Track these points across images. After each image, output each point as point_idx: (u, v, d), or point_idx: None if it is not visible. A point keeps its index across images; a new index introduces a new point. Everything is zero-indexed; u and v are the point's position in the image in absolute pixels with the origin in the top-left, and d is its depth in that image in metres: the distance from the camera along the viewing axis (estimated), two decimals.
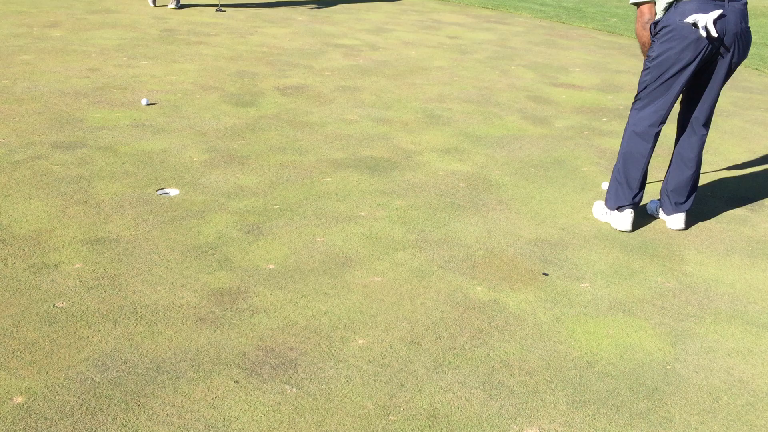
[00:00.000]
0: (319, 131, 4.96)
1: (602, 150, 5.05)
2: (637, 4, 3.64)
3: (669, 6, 3.51)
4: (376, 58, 7.07)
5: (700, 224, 4.03)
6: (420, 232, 3.65)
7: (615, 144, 5.17)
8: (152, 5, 8.54)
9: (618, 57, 8.14)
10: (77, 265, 3.07)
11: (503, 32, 9.05)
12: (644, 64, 3.69)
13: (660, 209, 4.03)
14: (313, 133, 4.90)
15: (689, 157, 3.83)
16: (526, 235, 3.72)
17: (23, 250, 3.15)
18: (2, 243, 3.19)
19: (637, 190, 3.81)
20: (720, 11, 3.39)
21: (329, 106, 5.52)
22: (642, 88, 3.70)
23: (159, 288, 2.96)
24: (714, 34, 3.38)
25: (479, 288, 3.18)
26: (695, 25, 3.40)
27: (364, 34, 8.15)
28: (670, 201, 3.91)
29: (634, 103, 3.78)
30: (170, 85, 5.62)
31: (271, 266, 3.21)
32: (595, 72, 7.34)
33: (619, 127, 5.56)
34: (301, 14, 8.99)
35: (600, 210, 3.97)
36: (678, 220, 3.91)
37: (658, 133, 3.73)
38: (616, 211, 3.86)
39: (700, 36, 3.42)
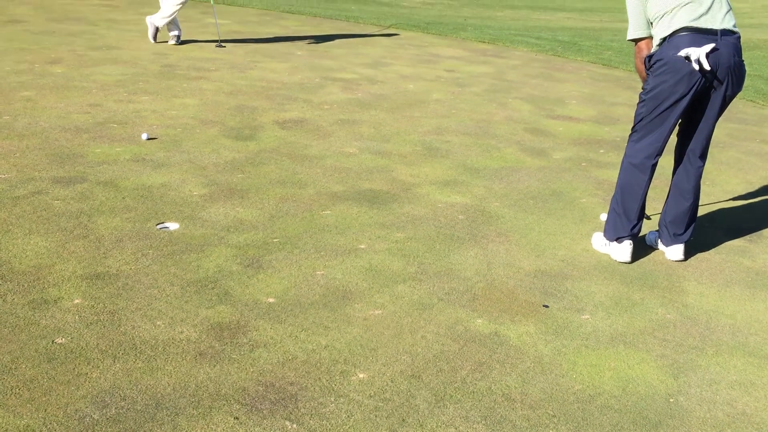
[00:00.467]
0: (318, 164, 4.98)
1: (600, 181, 5.07)
2: (635, 41, 3.70)
3: (663, 40, 3.56)
4: (375, 92, 7.13)
5: (700, 255, 4.04)
6: (420, 265, 3.65)
7: (613, 175, 5.20)
8: (153, 41, 8.64)
9: (614, 89, 8.22)
10: (77, 301, 3.06)
11: (500, 65, 9.15)
12: (639, 97, 3.74)
13: (659, 240, 4.04)
14: (313, 167, 4.93)
15: (687, 189, 3.85)
16: (526, 267, 3.72)
17: (23, 285, 3.15)
18: (2, 279, 3.19)
19: (636, 222, 3.82)
20: (713, 45, 3.44)
21: (328, 139, 5.56)
22: (638, 121, 3.73)
23: (158, 323, 2.95)
24: (707, 67, 3.43)
25: (480, 320, 3.17)
26: (688, 58, 3.45)
27: (362, 68, 8.24)
28: (668, 232, 3.92)
29: (630, 135, 3.82)
30: (170, 120, 5.66)
31: (271, 300, 3.20)
32: (591, 104, 7.41)
33: (616, 158, 5.59)
34: (300, 49, 9.09)
35: (599, 241, 3.98)
36: (677, 251, 3.92)
37: (654, 165, 3.75)
38: (615, 242, 3.87)
39: (693, 69, 3.46)
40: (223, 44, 8.91)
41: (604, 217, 4.14)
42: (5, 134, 5.03)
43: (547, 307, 3.34)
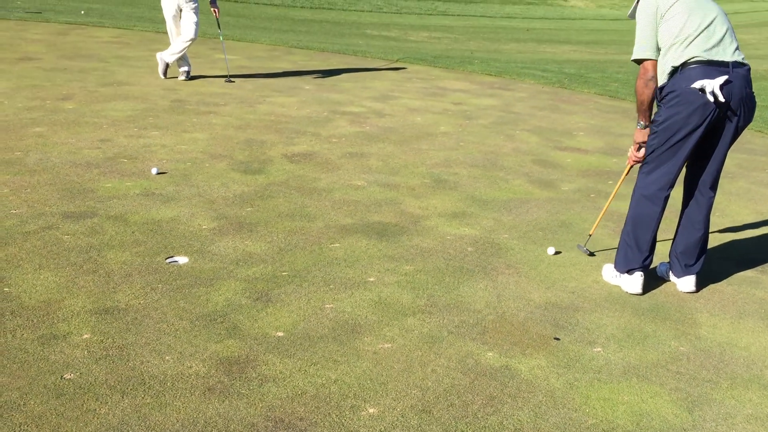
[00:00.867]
0: (326, 197, 5.00)
1: (609, 213, 5.06)
2: (640, 61, 3.68)
3: (674, 71, 3.57)
4: (383, 125, 7.18)
5: (711, 286, 4.00)
6: (429, 297, 3.63)
7: (622, 207, 5.18)
8: (163, 77, 8.74)
9: (621, 121, 8.24)
10: (86, 336, 3.06)
11: (507, 98, 9.20)
12: (650, 129, 3.73)
13: (670, 272, 4.01)
14: (321, 200, 4.94)
15: (697, 219, 3.83)
16: (537, 299, 3.69)
17: (32, 321, 3.15)
18: (11, 314, 3.19)
19: (647, 254, 3.80)
20: (726, 77, 3.45)
21: (337, 172, 5.58)
22: (649, 152, 3.73)
23: (167, 357, 2.94)
24: (722, 99, 3.44)
25: (490, 354, 3.14)
26: (702, 90, 3.45)
27: (370, 101, 8.30)
28: (679, 263, 3.90)
29: (641, 167, 3.81)
30: (180, 155, 5.70)
31: (280, 334, 3.19)
32: (599, 136, 7.43)
33: (625, 189, 5.58)
34: (308, 83, 9.18)
35: (610, 273, 3.96)
36: (689, 282, 3.89)
37: (667, 197, 3.74)
38: (626, 274, 3.84)
39: (708, 101, 3.47)
40: (232, 79, 9.01)
41: (551, 251, 4.13)
42: (17, 170, 5.07)
43: (558, 339, 3.31)
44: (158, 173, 5.22)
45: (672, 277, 4.00)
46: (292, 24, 20.40)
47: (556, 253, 4.16)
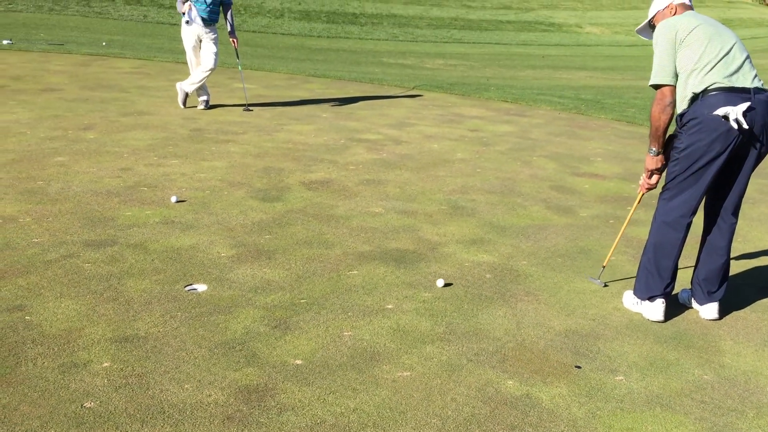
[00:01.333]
0: (344, 225, 5.01)
1: (629, 239, 5.02)
2: (657, 87, 3.67)
3: (694, 97, 3.56)
4: (400, 152, 7.20)
5: (735, 313, 3.95)
6: (448, 325, 3.61)
7: (641, 233, 5.15)
8: (182, 106, 8.85)
9: (638, 146, 8.21)
10: (106, 364, 3.07)
11: (523, 124, 9.21)
12: (672, 155, 3.71)
13: (692, 299, 3.96)
14: (339, 227, 4.95)
15: (720, 246, 3.79)
16: (557, 327, 3.66)
17: (53, 349, 3.17)
18: (33, 342, 3.21)
19: (669, 281, 3.76)
20: (748, 103, 3.44)
21: (354, 199, 5.59)
22: (671, 179, 3.70)
23: (186, 386, 2.93)
24: (745, 126, 3.42)
25: (510, 382, 3.11)
26: (726, 117, 3.44)
27: (386, 128, 8.34)
28: (702, 290, 3.85)
29: (662, 193, 3.78)
30: (199, 183, 5.75)
31: (299, 362, 3.18)
32: (616, 161, 7.40)
33: (644, 215, 5.55)
34: (325, 111, 9.25)
35: (630, 300, 3.92)
36: (711, 309, 3.84)
37: (689, 224, 3.71)
38: (647, 301, 3.80)
39: (731, 128, 3.45)
40: (250, 108, 9.10)
41: (440, 283, 4.03)
42: (39, 199, 5.14)
43: (579, 367, 3.27)
44: (177, 201, 5.27)
45: (694, 305, 3.95)
46: (309, 53, 20.64)
47: (446, 285, 4.04)
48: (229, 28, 8.93)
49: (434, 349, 3.35)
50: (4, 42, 13.78)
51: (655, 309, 3.77)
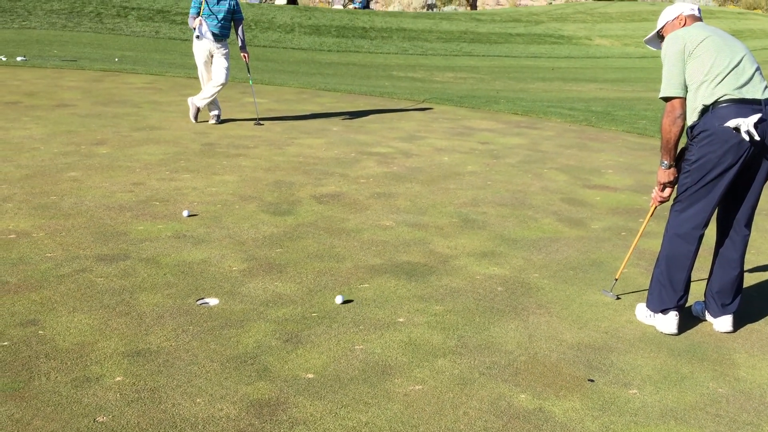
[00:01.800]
0: (355, 238, 5.01)
1: (641, 251, 5.00)
2: (668, 99, 3.66)
3: (705, 109, 3.55)
4: (410, 165, 7.21)
5: (749, 326, 3.92)
6: (459, 338, 3.60)
7: (653, 245, 5.13)
8: (194, 121, 8.91)
9: (650, 158, 8.19)
10: (118, 378, 3.07)
11: (534, 137, 9.21)
12: (683, 167, 3.69)
13: (706, 311, 3.93)
14: (350, 240, 4.96)
15: (733, 258, 3.76)
16: (569, 340, 3.64)
17: (66, 363, 3.18)
18: (46, 357, 3.23)
19: (682, 293, 3.74)
20: (760, 114, 3.43)
21: (365, 212, 5.60)
22: (682, 191, 3.69)
23: (198, 400, 2.94)
24: (757, 138, 3.42)
25: (523, 396, 3.09)
26: (737, 129, 3.43)
27: (397, 141, 8.36)
28: (716, 303, 3.83)
29: (673, 205, 3.77)
30: (210, 197, 5.78)
31: (310, 375, 3.17)
32: (628, 173, 7.38)
33: (656, 227, 5.52)
34: (336, 125, 9.29)
35: (643, 312, 3.89)
36: (725, 322, 3.81)
37: (701, 236, 3.69)
38: (660, 313, 3.78)
39: (742, 139, 3.44)
40: (261, 122, 9.15)
41: (339, 299, 3.91)
42: (52, 214, 5.17)
43: (592, 381, 3.25)
44: (189, 215, 5.29)
45: (708, 317, 3.92)
46: (319, 67, 20.75)
47: (345, 302, 3.94)
48: (240, 43, 8.99)
49: (446, 363, 3.34)
50: (18, 59, 13.94)
51: (669, 322, 3.75)
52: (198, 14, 8.65)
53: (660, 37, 3.87)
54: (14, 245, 4.54)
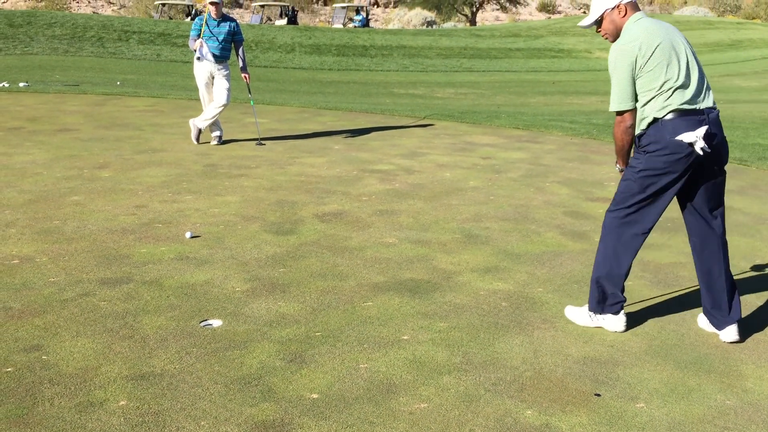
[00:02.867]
0: (358, 256, 5.01)
1: (645, 263, 4.98)
2: (622, 112, 3.67)
3: (654, 121, 3.60)
4: (412, 182, 7.22)
5: (756, 336, 3.89)
6: (464, 355, 3.58)
7: (658, 257, 5.11)
8: (196, 142, 8.94)
9: None
10: (122, 402, 3.06)
11: (536, 151, 9.22)
12: (625, 174, 3.76)
13: (710, 325, 3.91)
14: (353, 258, 4.95)
15: (714, 269, 3.79)
16: (575, 354, 3.62)
17: (69, 388, 3.17)
18: (49, 382, 3.22)
19: (621, 292, 3.84)
20: (707, 126, 3.52)
21: (367, 230, 5.60)
22: (627, 196, 3.73)
23: (203, 423, 2.92)
24: (708, 150, 3.51)
25: (529, 412, 3.07)
26: (690, 143, 3.51)
27: (398, 158, 8.37)
28: (715, 317, 3.82)
29: (614, 211, 3.80)
30: (213, 218, 5.79)
31: (315, 396, 3.16)
32: None
33: (660, 239, 5.51)
34: (337, 143, 9.31)
35: (582, 316, 3.95)
36: (731, 332, 3.79)
37: (642, 242, 3.78)
38: (610, 315, 3.86)
39: (692, 151, 3.52)
40: (263, 142, 9.18)
41: (188, 234, 4.12)
42: (55, 238, 5.18)
43: (599, 395, 3.22)
44: (192, 237, 5.29)
45: (713, 329, 3.90)
46: (320, 86, 20.85)
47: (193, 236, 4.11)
48: (241, 64, 9.04)
49: (451, 380, 3.33)
50: (21, 84, 14.04)
51: (619, 321, 3.85)
52: (199, 36, 8.72)
53: (598, 22, 3.78)
54: (18, 270, 4.55)
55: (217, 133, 9.04)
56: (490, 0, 54.96)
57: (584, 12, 63.66)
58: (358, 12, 47.61)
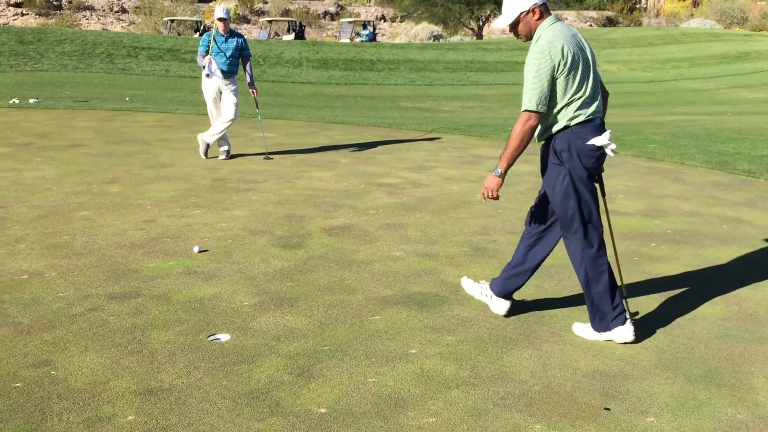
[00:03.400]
0: (366, 269, 5.00)
1: (654, 276, 4.96)
2: (532, 112, 3.69)
3: (565, 127, 3.72)
4: (419, 195, 7.22)
5: (767, 349, 3.86)
6: (473, 369, 3.57)
7: (666, 270, 5.09)
8: (204, 157, 8.98)
9: (660, 182, 8.16)
10: (130, 417, 3.06)
11: None
12: (552, 194, 3.86)
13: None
14: (361, 272, 4.95)
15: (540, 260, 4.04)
16: (584, 368, 3.60)
17: (78, 403, 3.17)
18: (58, 397, 3.22)
19: (620, 302, 3.87)
20: (609, 131, 3.75)
21: (375, 244, 5.60)
22: (572, 215, 3.81)
23: None
24: (616, 152, 3.78)
25: (538, 426, 3.05)
26: (603, 147, 3.71)
27: (406, 172, 8.38)
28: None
29: (569, 233, 3.86)
30: (221, 232, 5.80)
31: (323, 410, 3.15)
32: (638, 198, 7.35)
33: (668, 252, 5.49)
34: (345, 157, 9.34)
35: (590, 332, 3.94)
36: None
37: (603, 240, 3.89)
38: (617, 328, 3.85)
39: (601, 155, 3.76)
40: (270, 156, 9.21)
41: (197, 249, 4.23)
42: (64, 253, 5.21)
43: (608, 409, 3.20)
44: (200, 251, 5.31)
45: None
46: (327, 100, 20.94)
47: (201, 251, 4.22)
48: (248, 79, 9.10)
49: (459, 394, 3.31)
50: (31, 101, 14.15)
51: (628, 330, 3.85)
52: (207, 52, 8.78)
53: (514, 23, 3.81)
54: (27, 285, 4.57)
55: (225, 147, 9.09)
56: (496, 13, 55.17)
57: (591, 25, 63.83)
58: (365, 26, 47.86)
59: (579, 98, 3.69)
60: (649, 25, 63.48)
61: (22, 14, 52.53)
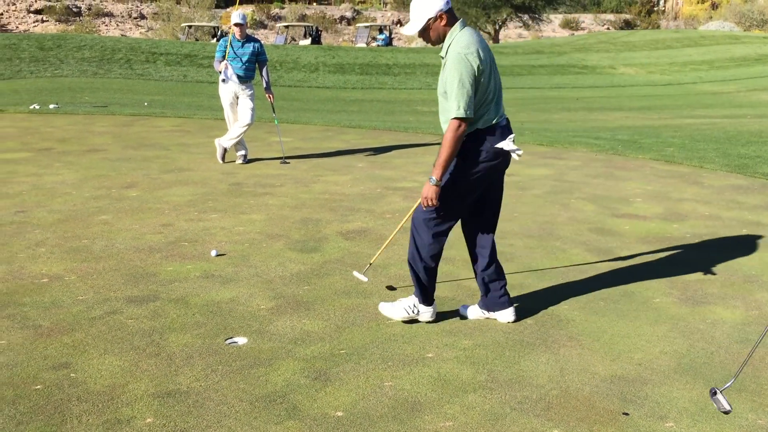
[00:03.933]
0: (382, 273, 5.01)
1: (673, 280, 4.92)
2: (463, 119, 3.74)
3: (475, 131, 3.83)
4: None
5: None
6: (489, 372, 3.56)
7: (685, 273, 5.05)
8: (221, 162, 9.04)
9: (679, 185, 8.10)
10: (149, 420, 3.08)
11: (560, 167, 9.17)
12: (438, 190, 3.84)
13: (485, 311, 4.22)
14: (377, 276, 4.95)
15: (489, 263, 4.18)
16: (602, 372, 3.58)
17: (97, 406, 3.20)
18: (77, 400, 3.25)
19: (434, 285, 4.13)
20: (513, 135, 3.90)
21: (391, 248, 5.60)
22: (440, 207, 3.89)
23: None
24: (521, 155, 3.92)
25: (556, 431, 3.04)
26: (510, 151, 3.84)
27: (422, 176, 8.38)
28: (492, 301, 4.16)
29: (430, 221, 3.96)
30: (238, 236, 5.83)
31: (340, 414, 3.15)
32: (657, 201, 7.30)
33: (687, 255, 5.44)
34: (361, 161, 9.35)
35: (400, 310, 4.11)
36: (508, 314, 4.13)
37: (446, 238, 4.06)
38: (424, 305, 4.11)
39: (503, 158, 3.90)
40: (287, 161, 9.25)
41: (214, 253, 4.57)
42: (84, 257, 5.26)
43: (627, 414, 3.18)
44: (217, 255, 5.34)
45: (490, 314, 4.19)
46: (344, 105, 20.99)
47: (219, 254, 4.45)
48: (265, 84, 9.14)
49: (476, 398, 3.30)
50: (51, 106, 14.32)
51: (432, 311, 4.12)
52: (223, 58, 8.84)
53: (424, 29, 3.84)
54: (47, 289, 4.62)
55: (242, 152, 9.14)
56: (513, 17, 55.05)
57: (608, 28, 63.51)
58: (381, 31, 47.95)
59: (489, 102, 3.80)
60: (667, 27, 63.06)
61: (42, 21, 53.17)
